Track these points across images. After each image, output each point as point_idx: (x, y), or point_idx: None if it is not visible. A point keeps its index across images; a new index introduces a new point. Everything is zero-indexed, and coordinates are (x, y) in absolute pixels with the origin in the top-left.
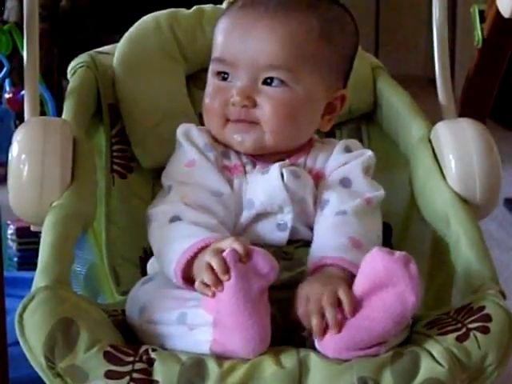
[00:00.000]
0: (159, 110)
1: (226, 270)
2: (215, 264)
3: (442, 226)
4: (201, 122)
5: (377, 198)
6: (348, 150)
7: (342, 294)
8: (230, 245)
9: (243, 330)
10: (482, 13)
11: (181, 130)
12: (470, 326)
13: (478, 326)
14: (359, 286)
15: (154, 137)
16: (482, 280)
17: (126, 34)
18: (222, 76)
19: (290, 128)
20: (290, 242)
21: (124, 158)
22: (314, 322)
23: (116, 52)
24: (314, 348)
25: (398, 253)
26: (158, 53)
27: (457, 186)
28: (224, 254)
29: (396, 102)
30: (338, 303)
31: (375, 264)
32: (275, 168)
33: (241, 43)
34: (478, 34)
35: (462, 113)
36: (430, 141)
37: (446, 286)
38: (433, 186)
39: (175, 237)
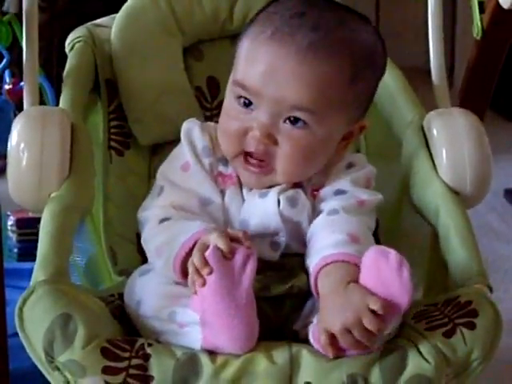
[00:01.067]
0: (156, 86)
1: (206, 266)
2: (196, 261)
3: (432, 217)
4: (197, 96)
5: (371, 202)
6: (350, 166)
7: (368, 323)
8: (214, 241)
9: (229, 329)
10: (481, 4)
11: (184, 128)
12: (457, 321)
13: (465, 322)
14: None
15: (152, 113)
16: (470, 273)
17: (123, 8)
18: (244, 101)
19: (305, 168)
20: (281, 255)
21: (121, 134)
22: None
23: (113, 27)
24: (306, 341)
25: (391, 255)
26: (155, 28)
27: (447, 177)
28: (206, 253)
29: (392, 85)
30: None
31: (369, 265)
32: (273, 194)
33: (268, 80)
34: (478, 25)
35: (462, 104)
36: (422, 129)
37: (442, 275)
38: (424, 177)
39: (170, 234)
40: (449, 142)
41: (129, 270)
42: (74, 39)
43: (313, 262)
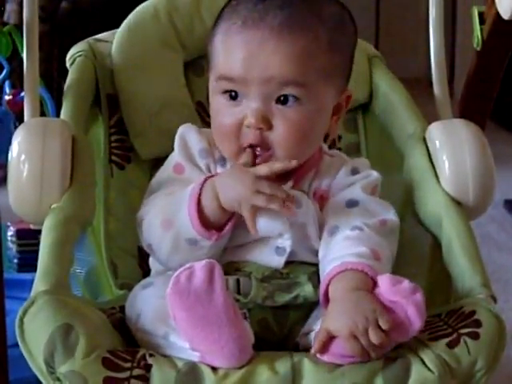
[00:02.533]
0: (157, 101)
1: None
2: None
3: (435, 228)
4: (198, 110)
5: (391, 222)
6: (355, 171)
7: (373, 336)
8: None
9: (218, 351)
10: (481, 14)
11: (180, 132)
12: (461, 331)
13: (469, 332)
14: None
15: (153, 127)
16: (473, 284)
17: (125, 22)
18: (230, 94)
19: (303, 147)
20: (286, 262)
21: (122, 148)
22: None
23: (114, 41)
24: (306, 351)
25: (406, 282)
26: (156, 42)
27: (450, 187)
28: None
29: (393, 97)
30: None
31: (385, 288)
32: None
33: (250, 64)
34: (478, 35)
35: (462, 115)
36: (424, 140)
37: (445, 287)
38: (426, 188)
39: (173, 203)
40: (451, 153)
41: (130, 283)
42: (74, 54)
43: (331, 265)
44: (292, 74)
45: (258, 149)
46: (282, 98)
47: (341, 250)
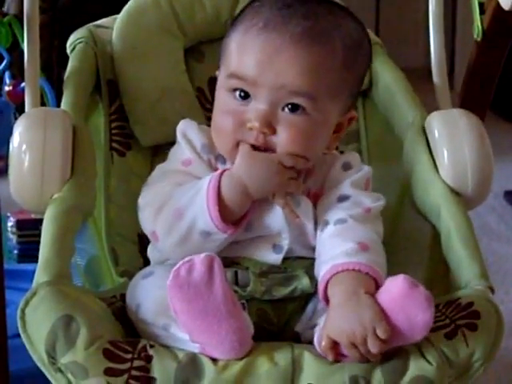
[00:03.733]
0: (158, 88)
1: None
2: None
3: (434, 218)
4: (198, 97)
5: (376, 208)
6: (346, 166)
7: (371, 345)
8: None
9: (218, 343)
10: (481, 5)
11: (180, 128)
12: (459, 322)
13: (466, 323)
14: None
15: (153, 114)
16: (471, 275)
17: (125, 9)
18: (240, 94)
19: (307, 156)
20: (283, 258)
21: (122, 135)
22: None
23: (114, 27)
24: (308, 343)
25: (421, 289)
26: (156, 28)
27: (449, 177)
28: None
29: (392, 85)
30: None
31: (395, 291)
32: (278, 196)
33: (265, 68)
34: (478, 26)
35: (462, 105)
36: (423, 129)
37: (446, 277)
38: (425, 178)
39: (187, 192)
40: (450, 143)
41: (130, 270)
42: (75, 40)
43: (323, 270)
44: (304, 86)
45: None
46: (290, 106)
47: (329, 250)
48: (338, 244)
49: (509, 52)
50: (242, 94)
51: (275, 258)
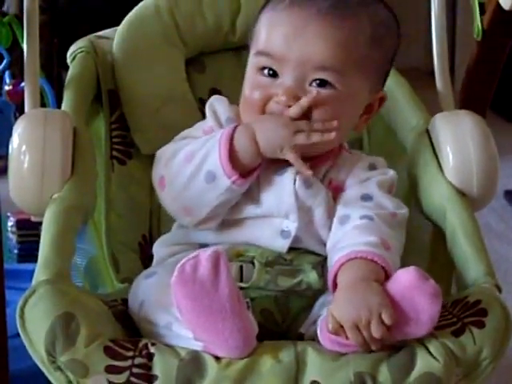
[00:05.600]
0: (158, 97)
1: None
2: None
3: (439, 219)
4: (200, 108)
5: (402, 215)
6: (372, 167)
7: (374, 329)
8: None
9: (222, 341)
10: (482, 5)
11: (211, 100)
12: (466, 320)
13: (474, 321)
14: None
15: (154, 123)
16: (478, 273)
17: (126, 19)
18: (268, 72)
19: (336, 136)
20: (290, 248)
21: (123, 144)
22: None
23: (115, 37)
24: (311, 339)
25: (432, 282)
26: (158, 38)
27: (454, 178)
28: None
29: (395, 91)
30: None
31: (404, 281)
32: (290, 173)
33: (292, 42)
34: (478, 25)
35: (463, 105)
36: (427, 132)
37: (446, 276)
38: (430, 179)
39: (199, 141)
40: (455, 144)
41: (132, 278)
42: (75, 50)
43: (340, 253)
44: (331, 61)
45: None
46: (317, 81)
47: (350, 239)
48: (361, 235)
49: (509, 52)
50: (271, 72)
51: (282, 244)
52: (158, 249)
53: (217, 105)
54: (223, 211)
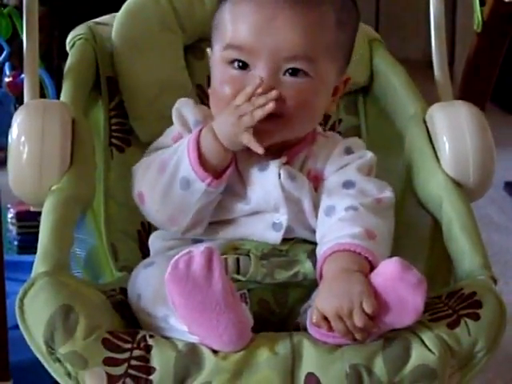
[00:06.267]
0: (157, 84)
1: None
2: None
3: (435, 210)
4: (198, 94)
5: (387, 200)
6: (348, 151)
7: (357, 319)
8: None
9: (217, 337)
10: None
11: (176, 105)
12: (461, 312)
13: (469, 313)
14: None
15: (152, 110)
16: (473, 265)
17: (124, 5)
18: (238, 64)
19: (308, 119)
20: (284, 239)
21: (122, 132)
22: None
23: (114, 24)
24: (304, 329)
25: (414, 271)
26: (156, 25)
27: (450, 168)
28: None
29: (393, 79)
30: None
31: (387, 272)
32: (273, 167)
33: (262, 33)
34: (478, 17)
35: (462, 96)
36: (425, 122)
37: (445, 268)
38: (427, 169)
39: (170, 150)
40: (451, 135)
41: (130, 266)
42: (74, 37)
43: (325, 247)
44: (303, 48)
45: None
46: (290, 71)
47: (335, 232)
48: (345, 227)
49: (509, 43)
50: (240, 64)
51: (275, 237)
52: (154, 243)
53: (183, 109)
54: (207, 214)
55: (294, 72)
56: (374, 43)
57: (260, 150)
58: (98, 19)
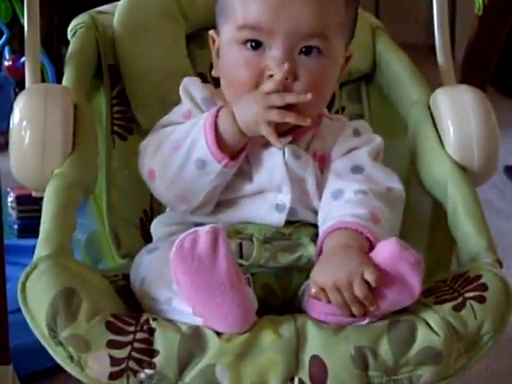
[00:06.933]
0: (159, 72)
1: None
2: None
3: (440, 194)
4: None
5: (398, 191)
6: (357, 133)
7: (357, 289)
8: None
9: (222, 317)
10: None
11: (184, 82)
12: (467, 295)
13: (475, 296)
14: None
15: (154, 98)
16: (478, 249)
17: None
18: (251, 44)
19: (321, 99)
20: (287, 222)
21: (124, 119)
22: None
23: (116, 12)
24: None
25: (412, 251)
26: (158, 13)
27: (455, 152)
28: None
29: (396, 65)
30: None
31: (387, 254)
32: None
33: (279, 11)
34: (479, 0)
35: (463, 80)
36: (428, 107)
37: (446, 254)
38: (431, 154)
39: (184, 127)
40: (456, 119)
41: (132, 253)
42: (76, 25)
43: (327, 224)
44: (319, 26)
45: None
46: (304, 50)
47: (340, 211)
48: (351, 208)
49: (509, 27)
50: (254, 44)
51: (278, 219)
52: (156, 228)
53: (190, 86)
54: (217, 194)
55: (308, 51)
56: (376, 31)
57: (279, 145)
58: (99, 8)
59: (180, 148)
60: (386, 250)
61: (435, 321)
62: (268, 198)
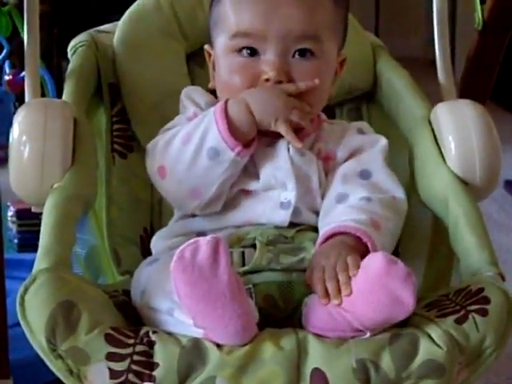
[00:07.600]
0: (159, 90)
1: None
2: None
3: (441, 209)
4: None
5: (401, 200)
6: (361, 132)
7: (350, 260)
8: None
9: (221, 328)
10: None
11: (184, 91)
12: (469, 308)
13: (477, 309)
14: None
15: (155, 116)
16: (481, 262)
17: (127, 13)
18: (247, 52)
19: (317, 101)
20: (290, 225)
21: (124, 138)
22: (329, 287)
23: (116, 31)
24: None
25: (401, 264)
26: (159, 32)
27: (456, 167)
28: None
29: (396, 82)
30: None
31: (375, 271)
32: (283, 141)
33: (270, 16)
34: (479, 15)
35: (463, 94)
36: (429, 122)
37: (446, 268)
38: (432, 169)
39: (193, 123)
40: (457, 133)
41: (132, 271)
42: (76, 44)
43: (327, 228)
44: (311, 28)
45: None
46: (298, 52)
47: (340, 216)
48: (352, 213)
49: (509, 42)
50: (249, 51)
51: (283, 217)
52: (157, 243)
53: (193, 93)
54: (227, 188)
55: (302, 53)
56: (377, 49)
57: (299, 145)
58: (99, 27)
59: (191, 140)
60: (374, 267)
61: (437, 334)
62: (273, 197)
